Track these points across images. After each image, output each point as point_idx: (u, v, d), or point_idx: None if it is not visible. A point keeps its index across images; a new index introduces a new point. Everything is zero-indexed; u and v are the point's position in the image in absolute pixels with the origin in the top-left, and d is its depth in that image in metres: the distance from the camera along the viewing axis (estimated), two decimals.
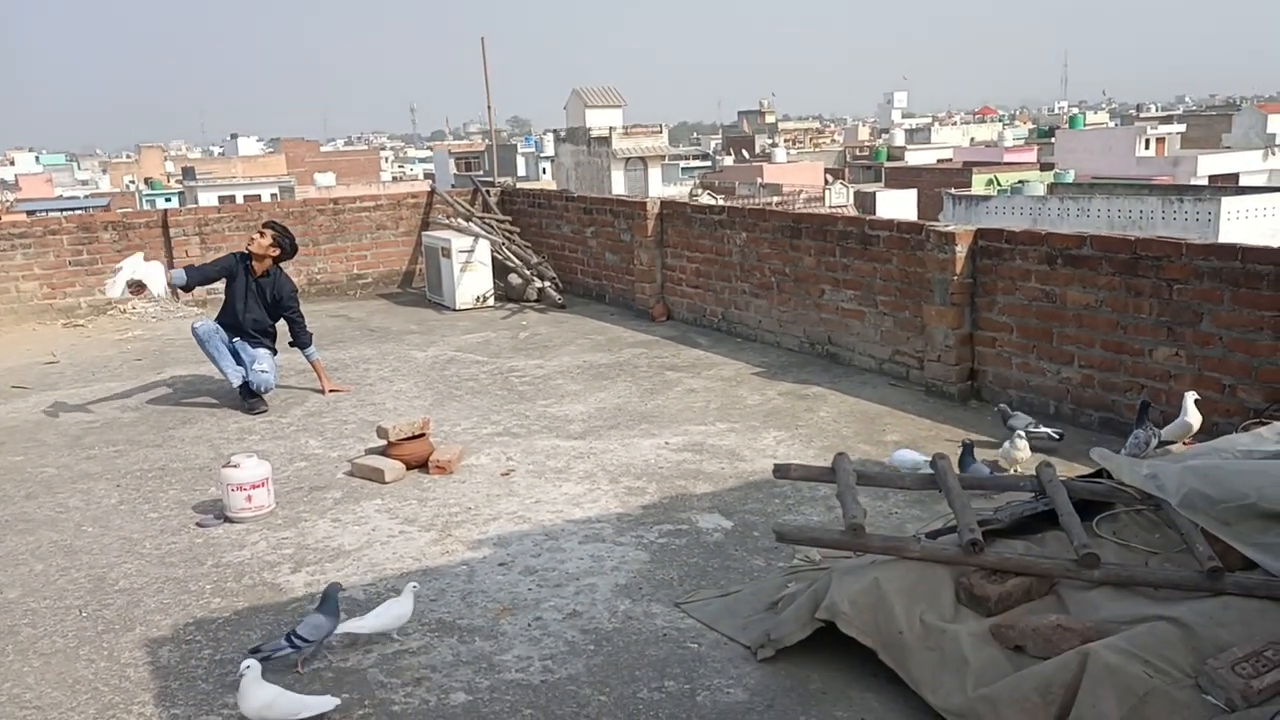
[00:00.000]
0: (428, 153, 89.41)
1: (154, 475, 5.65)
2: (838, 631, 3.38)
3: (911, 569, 3.30)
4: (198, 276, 7.04)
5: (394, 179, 69.39)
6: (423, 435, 5.67)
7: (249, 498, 4.92)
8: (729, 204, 9.02)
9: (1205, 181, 37.05)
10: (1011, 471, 4.89)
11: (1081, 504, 3.58)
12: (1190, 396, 4.85)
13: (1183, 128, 57.91)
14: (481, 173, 49.76)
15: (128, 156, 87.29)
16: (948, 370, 6.42)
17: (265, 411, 6.72)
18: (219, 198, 46.92)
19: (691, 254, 8.93)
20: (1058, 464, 4.19)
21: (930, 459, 3.98)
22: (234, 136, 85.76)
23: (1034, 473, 3.73)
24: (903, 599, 3.21)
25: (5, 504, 5.29)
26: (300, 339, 7.21)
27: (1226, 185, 33.59)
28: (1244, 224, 25.15)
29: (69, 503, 5.27)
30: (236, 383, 6.80)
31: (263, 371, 6.84)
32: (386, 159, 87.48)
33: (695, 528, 4.69)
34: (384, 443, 5.62)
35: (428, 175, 62.35)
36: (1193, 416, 4.80)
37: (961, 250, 6.26)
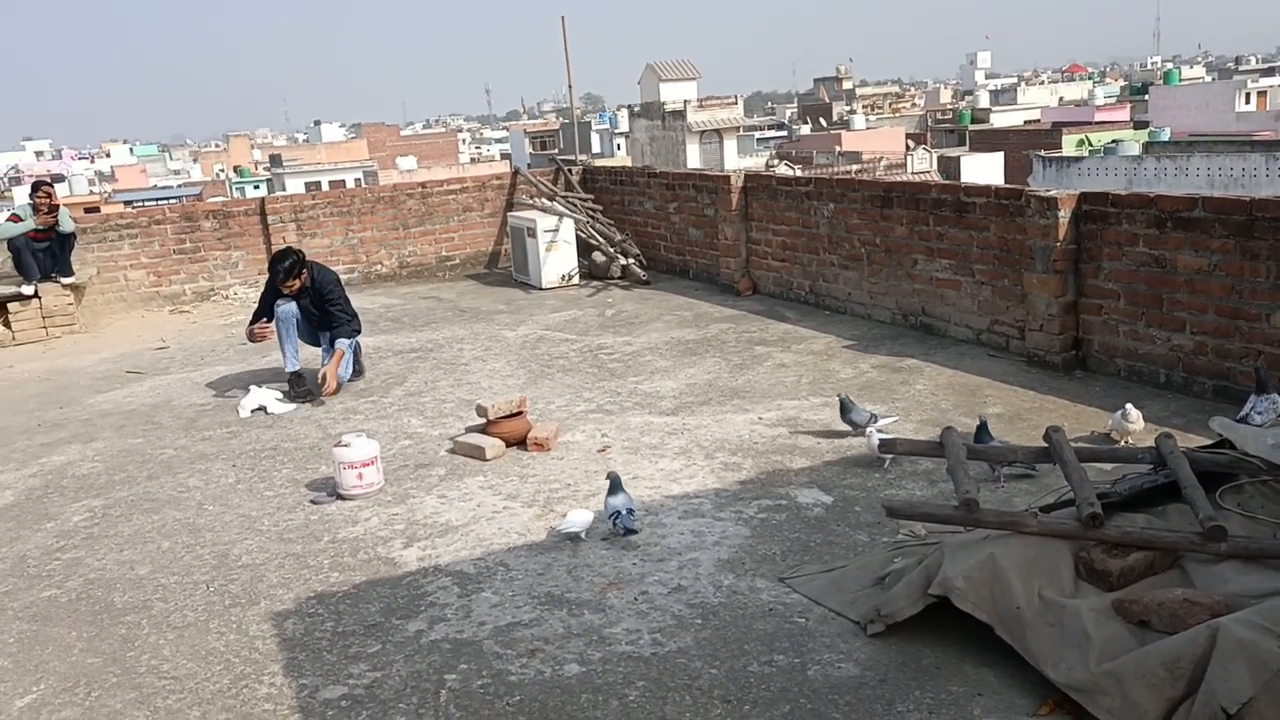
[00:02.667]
0: (504, 133, 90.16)
1: (267, 455, 5.85)
2: (949, 608, 3.35)
3: (1028, 544, 3.25)
4: (263, 315, 7.15)
5: (472, 160, 70.21)
6: (520, 413, 5.75)
7: (360, 475, 5.07)
8: (815, 175, 8.92)
9: None
10: (1123, 444, 4.77)
11: (1203, 476, 3.48)
12: None
13: None
14: (557, 151, 49.98)
15: (216, 146, 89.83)
16: (1051, 340, 6.27)
17: (311, 402, 6.76)
18: (305, 184, 48.08)
19: (777, 227, 8.85)
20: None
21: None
22: (317, 123, 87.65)
23: (1152, 444, 3.63)
24: (1020, 574, 3.16)
25: (130, 485, 5.53)
26: (339, 331, 7.01)
27: None
28: None
29: (189, 482, 5.50)
30: (289, 370, 6.96)
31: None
32: (464, 141, 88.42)
33: (794, 503, 4.68)
34: (483, 421, 5.72)
35: (504, 155, 62.96)
36: None
37: (1064, 215, 6.09)
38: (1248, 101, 47.13)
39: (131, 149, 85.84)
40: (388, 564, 4.36)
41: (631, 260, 10.30)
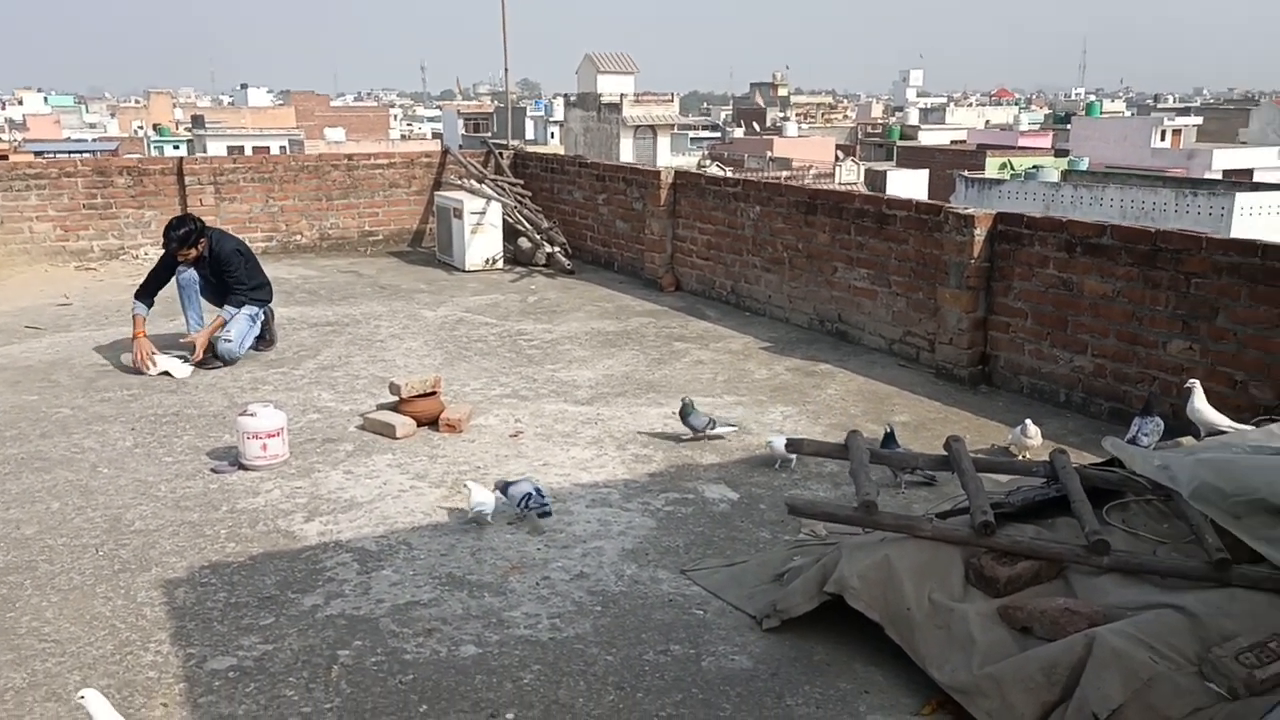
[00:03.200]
0: (436, 112, 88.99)
1: (168, 420, 5.69)
2: (843, 607, 3.43)
3: (923, 548, 3.35)
4: (155, 291, 6.94)
5: (402, 137, 69.06)
6: (434, 393, 5.70)
7: (264, 446, 4.96)
8: (744, 177, 9.01)
9: (1220, 176, 36.85)
10: (1020, 458, 4.92)
11: (1092, 492, 3.62)
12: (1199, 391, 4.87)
13: (1199, 120, 57.56)
14: (490, 134, 49.50)
15: (136, 102, 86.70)
16: (959, 354, 6.44)
17: (216, 368, 6.60)
18: (228, 148, 46.74)
19: (704, 225, 8.92)
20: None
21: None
22: (244, 87, 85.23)
23: (1047, 458, 3.76)
24: (913, 577, 3.25)
25: (21, 442, 5.33)
26: (233, 300, 6.86)
27: (1241, 181, 33.42)
28: (1257, 220, 25.07)
29: (84, 443, 5.32)
30: (191, 335, 6.80)
31: (226, 340, 6.76)
32: (395, 116, 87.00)
33: (702, 497, 4.73)
34: (395, 399, 5.65)
35: (436, 135, 62.09)
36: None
37: (980, 234, 6.26)
38: (1163, 138, 49.00)
39: (46, 98, 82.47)
40: (287, 537, 4.28)
41: (557, 248, 10.27)
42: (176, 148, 49.00)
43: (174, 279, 6.97)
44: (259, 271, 7.17)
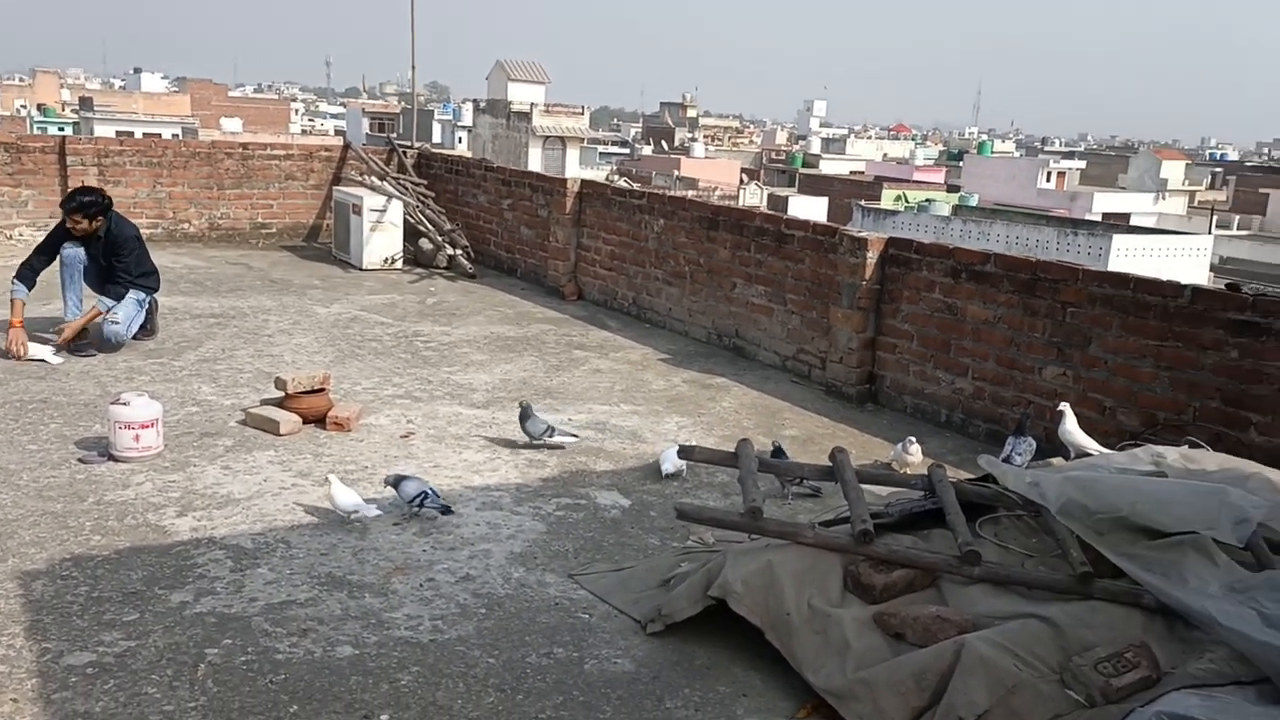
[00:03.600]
0: (340, 109, 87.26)
1: (35, 407, 5.42)
2: (727, 613, 3.46)
3: (804, 554, 3.41)
4: (39, 270, 6.65)
5: (303, 132, 67.46)
6: (322, 390, 5.57)
7: (137, 437, 4.76)
8: (649, 190, 9.10)
9: (1099, 218, 38.73)
10: (903, 474, 5.06)
11: (966, 506, 3.74)
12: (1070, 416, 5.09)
13: (1083, 164, 60.46)
14: (395, 135, 48.71)
15: (21, 80, 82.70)
16: (848, 372, 6.60)
17: (90, 356, 6.34)
18: (116, 132, 44.89)
19: (608, 236, 8.95)
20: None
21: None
22: (137, 71, 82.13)
23: (925, 473, 3.88)
24: (793, 582, 3.31)
25: None
26: (115, 290, 6.59)
27: (1119, 223, 35.18)
28: (1132, 261, 26.42)
29: None
30: (68, 319, 6.52)
31: (113, 323, 6.49)
32: (296, 110, 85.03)
33: (593, 503, 4.73)
34: (281, 394, 5.50)
35: (339, 132, 60.80)
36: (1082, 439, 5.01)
37: (872, 256, 6.43)
38: (1048, 179, 51.31)
39: None
40: (157, 531, 4.11)
41: (459, 251, 10.16)
42: (62, 129, 46.88)
43: (58, 257, 6.65)
44: (148, 259, 6.90)
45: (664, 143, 69.46)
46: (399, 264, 10.12)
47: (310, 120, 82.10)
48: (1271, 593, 3.21)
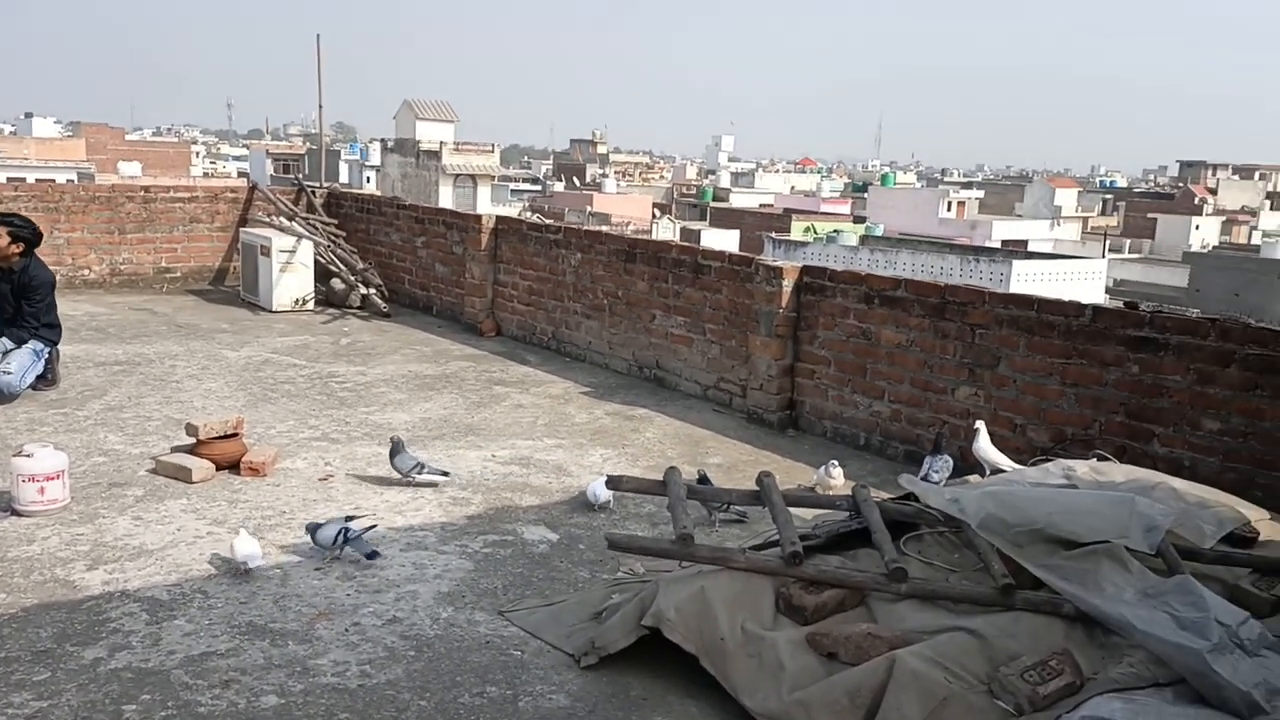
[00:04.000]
0: (244, 151, 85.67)
1: None
2: (661, 642, 3.46)
3: (736, 579, 3.43)
4: None
5: (205, 175, 65.91)
6: (235, 435, 5.42)
7: (41, 490, 4.56)
8: (565, 224, 9.12)
9: (999, 245, 40.10)
10: (828, 495, 5.13)
11: (890, 524, 3.81)
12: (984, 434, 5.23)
13: (981, 194, 62.70)
14: (302, 175, 48.03)
15: None
16: (769, 399, 6.68)
17: None
18: (8, 178, 43.28)
19: (525, 271, 8.94)
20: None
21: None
22: (28, 116, 79.38)
23: (849, 493, 3.95)
24: (726, 607, 3.32)
25: None
26: (16, 334, 6.39)
27: (1017, 250, 36.48)
28: (1032, 285, 27.40)
29: None
30: None
31: (5, 372, 6.24)
32: (198, 154, 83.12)
33: (521, 539, 4.69)
34: (193, 441, 5.34)
35: (242, 174, 59.64)
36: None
37: (788, 285, 6.55)
38: (949, 209, 53.02)
39: None
40: (66, 587, 3.94)
41: (373, 290, 10.02)
42: None
43: None
44: (55, 311, 6.69)
45: (575, 179, 69.85)
46: (310, 305, 9.94)
47: (212, 163, 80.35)
48: (1183, 596, 3.33)
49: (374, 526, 4.58)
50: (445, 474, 5.32)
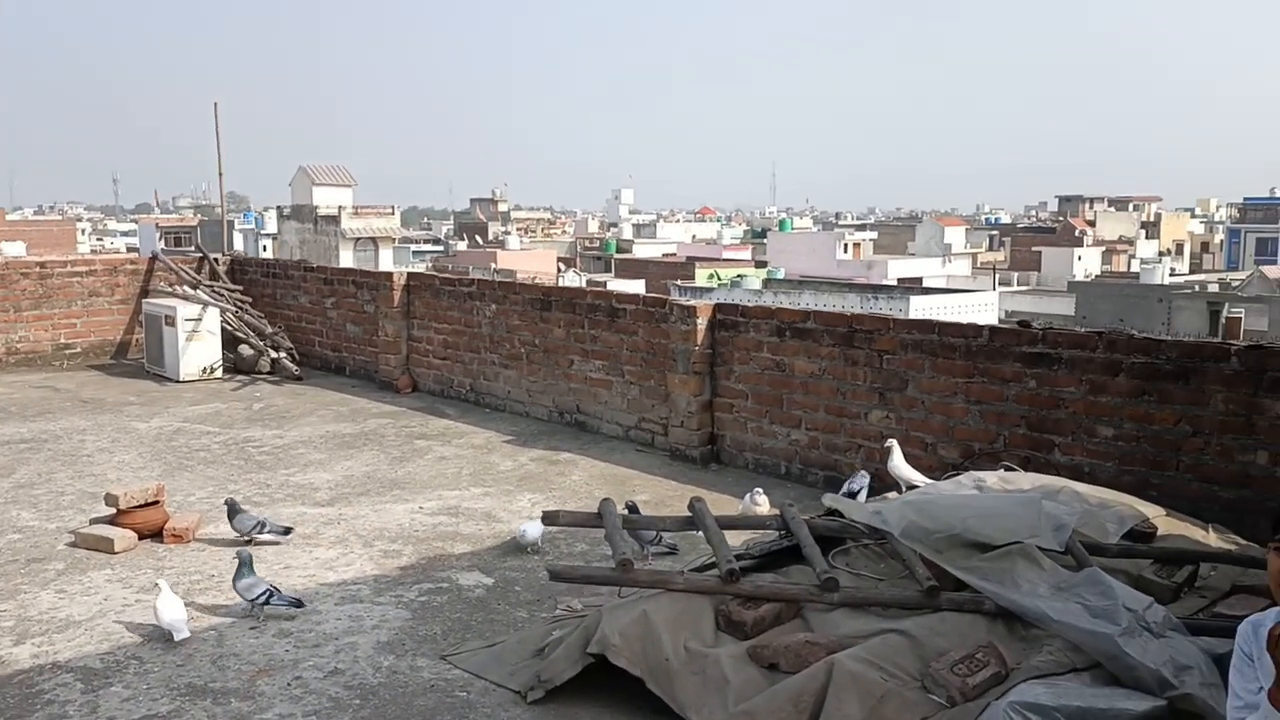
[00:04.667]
0: (132, 225, 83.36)
1: None
2: (606, 671, 3.53)
3: (677, 600, 3.53)
4: None
5: (93, 252, 63.91)
6: (157, 503, 5.34)
7: None
8: (478, 277, 9.20)
9: (895, 282, 41.43)
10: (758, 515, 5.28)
11: (818, 540, 3.97)
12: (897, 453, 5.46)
13: (875, 235, 64.68)
14: (193, 249, 46.98)
15: None
16: (690, 435, 6.84)
17: None
18: None
19: (439, 325, 8.98)
20: None
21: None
22: None
23: (778, 513, 4.10)
24: (669, 628, 3.42)
25: None
26: None
27: (913, 286, 37.75)
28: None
29: None
30: None
31: None
32: (84, 230, 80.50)
33: (456, 585, 4.71)
34: (113, 511, 5.24)
35: (131, 249, 57.97)
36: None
37: (702, 323, 6.75)
38: (846, 250, 54.55)
39: None
40: None
41: (283, 354, 9.92)
42: None
43: None
44: None
45: (478, 238, 69.84)
46: (219, 372, 9.78)
47: (99, 239, 77.92)
48: (1092, 588, 3.56)
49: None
50: (288, 530, 5.26)
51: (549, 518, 4.02)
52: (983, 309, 32.48)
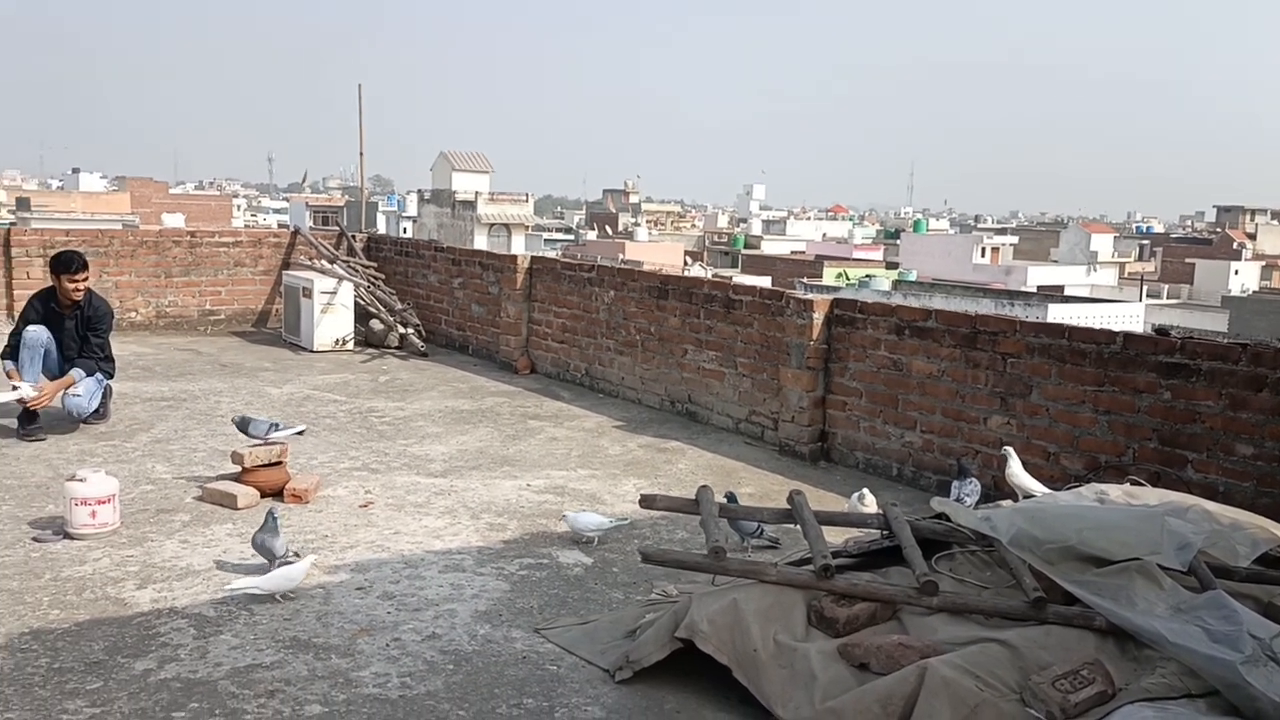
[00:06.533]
0: (283, 204, 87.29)
1: None
2: (694, 658, 3.51)
3: (768, 592, 3.48)
4: (14, 348, 6.60)
5: (246, 227, 67.24)
6: (279, 463, 5.56)
7: (93, 514, 4.71)
8: (598, 263, 9.27)
9: (1034, 290, 39.89)
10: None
11: (921, 544, 3.84)
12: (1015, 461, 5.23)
13: (1015, 240, 62.46)
14: (340, 228, 48.86)
15: None
16: (800, 431, 6.74)
17: (41, 440, 6.29)
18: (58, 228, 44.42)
19: (559, 309, 9.09)
20: None
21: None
22: (75, 171, 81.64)
23: (881, 511, 3.99)
24: (759, 619, 3.37)
25: None
26: (83, 364, 6.56)
27: (1053, 294, 36.28)
28: None
29: None
30: (24, 393, 6.29)
31: (75, 395, 6.46)
32: (239, 206, 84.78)
33: (555, 562, 4.76)
34: (238, 469, 5.48)
35: (282, 226, 60.78)
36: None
37: (819, 317, 6.64)
38: (983, 255, 52.83)
39: None
40: (117, 604, 4.07)
41: (411, 330, 10.22)
42: None
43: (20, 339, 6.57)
44: (110, 346, 6.94)
45: (608, 228, 70.51)
46: (350, 345, 10.14)
47: (253, 216, 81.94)
48: (1215, 611, 3.34)
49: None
50: (301, 431, 5.65)
51: (646, 501, 4.01)
52: (1127, 321, 30.97)
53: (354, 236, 11.77)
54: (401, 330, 10.19)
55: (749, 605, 3.39)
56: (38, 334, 6.54)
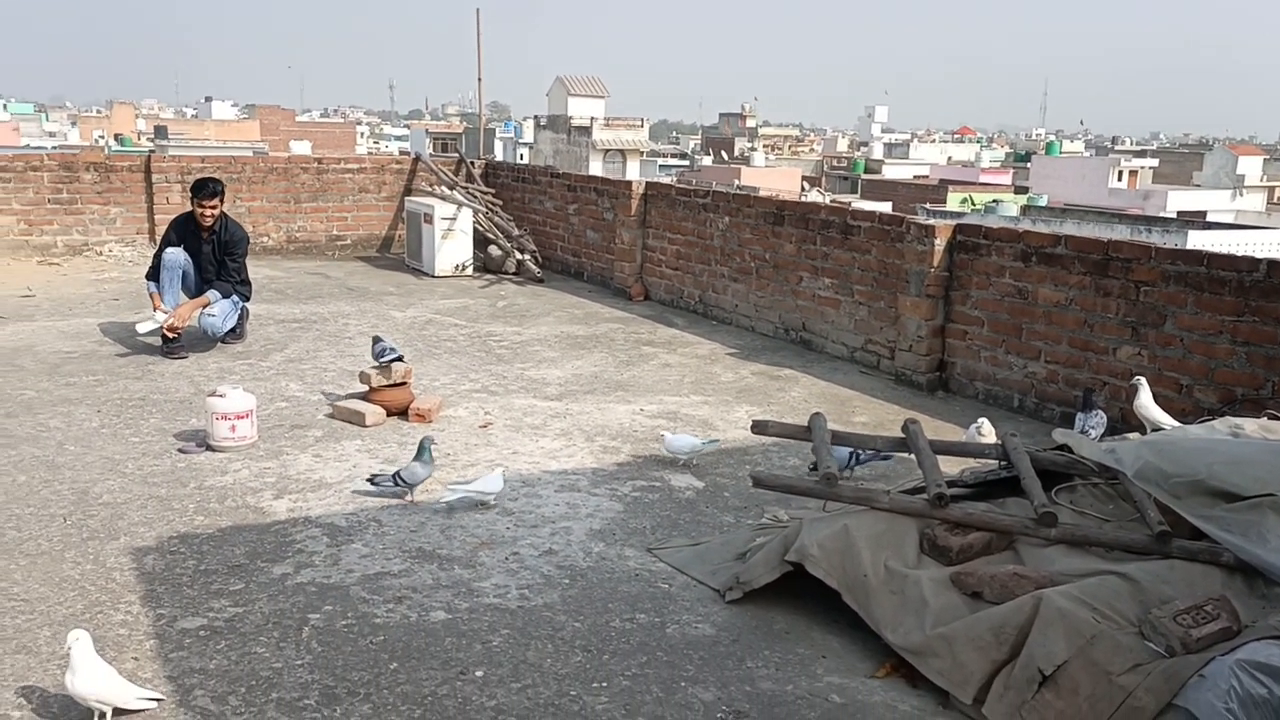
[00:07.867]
0: (404, 130, 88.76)
1: (134, 404, 5.71)
2: (804, 580, 3.54)
3: (880, 519, 3.47)
4: (158, 271, 6.96)
5: (369, 154, 68.80)
6: (404, 384, 5.77)
7: (233, 427, 5.00)
8: (713, 189, 9.18)
9: (1174, 216, 37.80)
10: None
11: (1041, 475, 3.76)
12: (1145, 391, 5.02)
13: (1155, 163, 59.02)
14: (459, 154, 49.50)
15: (98, 111, 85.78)
16: (918, 360, 6.62)
17: (184, 358, 6.63)
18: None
19: (673, 236, 9.07)
20: None
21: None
22: (208, 99, 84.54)
23: (999, 441, 3.91)
24: (869, 545, 3.38)
25: None
26: (219, 287, 6.92)
27: (1194, 219, 34.31)
28: None
29: (50, 423, 5.32)
30: (160, 321, 6.69)
31: (210, 315, 6.82)
32: (362, 134, 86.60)
33: (668, 485, 4.84)
34: (365, 388, 5.71)
35: (403, 152, 61.94)
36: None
37: (940, 244, 6.46)
38: (1120, 179, 50.15)
39: (5, 105, 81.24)
40: (256, 512, 4.33)
41: (527, 256, 10.37)
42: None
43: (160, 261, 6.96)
44: (247, 269, 7.27)
45: (723, 153, 69.53)
46: (469, 270, 10.36)
47: (375, 142, 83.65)
48: None
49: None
50: (399, 355, 5.74)
51: (758, 427, 4.03)
52: (1274, 248, 29.13)
53: (472, 163, 11.94)
54: (519, 256, 10.34)
55: (860, 531, 3.40)
56: (175, 256, 6.90)
